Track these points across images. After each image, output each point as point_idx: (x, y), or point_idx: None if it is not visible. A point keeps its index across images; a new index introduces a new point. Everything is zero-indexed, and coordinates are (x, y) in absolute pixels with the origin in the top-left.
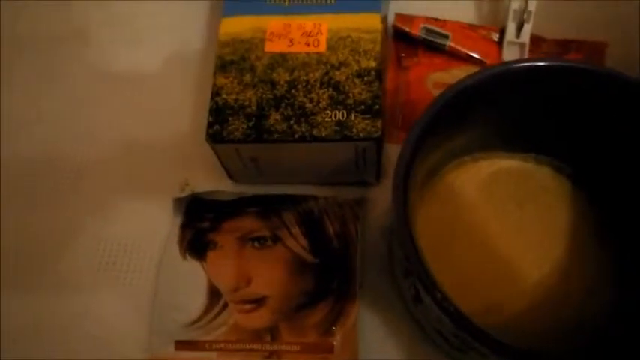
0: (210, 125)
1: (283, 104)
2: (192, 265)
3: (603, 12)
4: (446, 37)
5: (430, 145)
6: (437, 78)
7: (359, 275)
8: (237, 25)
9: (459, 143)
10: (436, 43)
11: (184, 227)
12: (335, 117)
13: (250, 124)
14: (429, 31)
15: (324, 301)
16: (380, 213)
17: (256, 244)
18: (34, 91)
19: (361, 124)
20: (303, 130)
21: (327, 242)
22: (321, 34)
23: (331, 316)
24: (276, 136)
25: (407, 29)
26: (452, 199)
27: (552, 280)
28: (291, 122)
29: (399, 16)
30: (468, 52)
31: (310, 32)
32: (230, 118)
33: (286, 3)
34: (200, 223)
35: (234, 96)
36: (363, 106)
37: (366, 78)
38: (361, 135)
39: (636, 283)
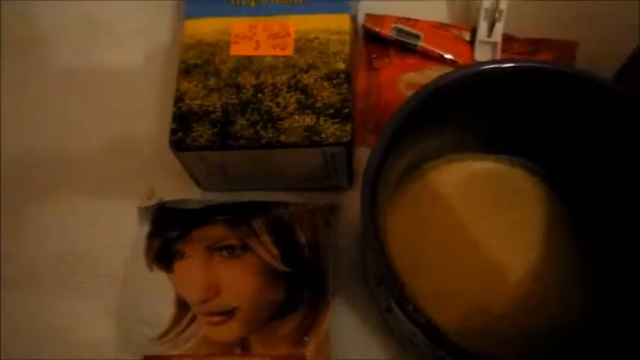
0: (173, 132)
1: (249, 109)
2: (160, 277)
3: (575, 10)
4: (417, 37)
5: (401, 148)
6: (409, 79)
7: (331, 283)
8: (202, 28)
9: (432, 145)
10: (407, 43)
11: (151, 237)
12: (303, 122)
13: (215, 131)
14: (399, 31)
15: (296, 311)
16: (353, 218)
17: (225, 253)
18: None
19: (330, 129)
20: (270, 135)
21: (298, 250)
22: (289, 35)
23: (303, 326)
24: (242, 142)
25: (377, 29)
26: (426, 202)
27: (529, 283)
28: (258, 128)
29: (369, 17)
30: (439, 52)
31: (277, 34)
32: (194, 125)
33: (252, 4)
34: (167, 232)
35: (198, 101)
36: (332, 110)
37: (335, 81)
38: (330, 140)
39: (612, 284)
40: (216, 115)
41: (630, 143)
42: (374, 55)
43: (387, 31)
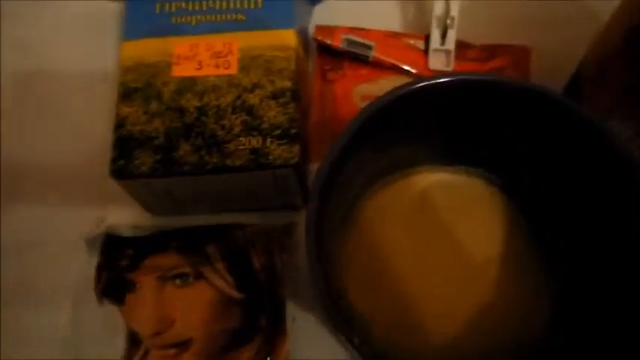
0: (113, 160)
1: (193, 133)
2: (110, 310)
3: (529, 15)
4: (369, 47)
5: (352, 167)
6: (363, 90)
7: (290, 308)
8: (141, 49)
9: (386, 160)
10: (359, 54)
11: (101, 268)
12: (249, 144)
13: (158, 157)
14: (350, 42)
15: (253, 339)
16: None
17: (178, 282)
18: None
19: (277, 150)
20: (216, 160)
21: (253, 276)
22: (232, 54)
23: (261, 355)
24: (186, 168)
25: (328, 41)
26: (383, 218)
27: (490, 297)
28: (203, 152)
29: (319, 28)
30: (393, 62)
31: (220, 53)
32: (136, 152)
33: (193, 22)
34: (118, 262)
35: (139, 127)
36: (278, 131)
37: (281, 100)
38: (277, 162)
39: (573, 293)
40: (158, 141)
41: (582, 155)
42: (327, 67)
43: (338, 43)
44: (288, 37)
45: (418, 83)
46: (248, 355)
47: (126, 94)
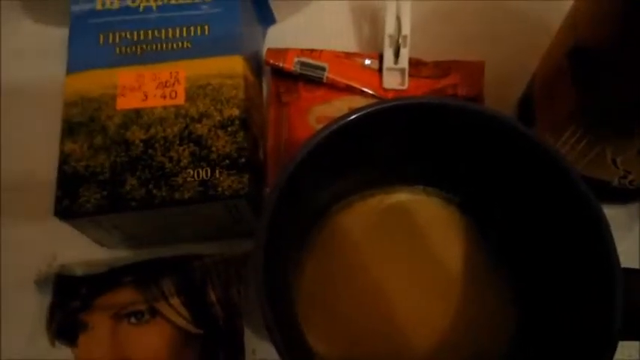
0: (58, 200)
1: (140, 167)
2: (63, 353)
3: (481, 31)
4: (323, 68)
5: (304, 195)
6: (319, 112)
7: (248, 341)
8: (85, 81)
9: (342, 184)
10: (313, 76)
11: (53, 309)
12: (198, 176)
13: (104, 194)
14: (303, 64)
15: None
16: None
17: (133, 320)
18: None
19: (227, 181)
20: (164, 194)
21: (210, 310)
22: (179, 83)
23: None
24: (133, 204)
25: (280, 64)
26: (341, 243)
27: (451, 319)
28: (150, 186)
29: (271, 51)
30: (347, 82)
31: (166, 82)
32: (81, 189)
33: (138, 52)
34: (71, 302)
35: (84, 162)
36: (227, 161)
37: (229, 128)
38: (227, 193)
39: (536, 311)
40: (104, 177)
41: (529, 175)
42: (282, 90)
43: (291, 66)
44: (235, 63)
45: (362, 111)
46: None
47: (70, 130)
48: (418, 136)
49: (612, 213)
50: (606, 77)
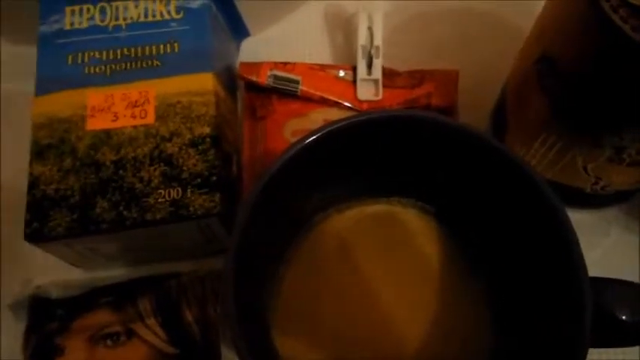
0: (27, 224)
1: (110, 189)
2: None
3: (454, 39)
4: (296, 81)
5: (277, 211)
6: (294, 125)
7: (226, 358)
8: (54, 103)
9: (318, 197)
10: (287, 89)
11: (28, 332)
12: (169, 196)
13: (75, 217)
14: (277, 77)
15: None
16: None
17: (109, 342)
18: None
19: (198, 200)
20: (135, 215)
21: (187, 328)
22: (149, 102)
23: None
24: (104, 226)
25: (253, 78)
26: (319, 256)
27: (427, 331)
28: (121, 208)
29: (244, 65)
30: (322, 95)
31: (136, 102)
32: (51, 212)
33: (108, 71)
34: (46, 325)
35: (54, 185)
36: (199, 180)
37: (200, 147)
38: (199, 212)
39: (513, 325)
40: (74, 200)
41: (500, 185)
42: (257, 104)
43: (264, 79)
44: (205, 80)
45: (329, 127)
46: None
47: (39, 153)
48: (391, 148)
49: (588, 218)
50: (572, 86)
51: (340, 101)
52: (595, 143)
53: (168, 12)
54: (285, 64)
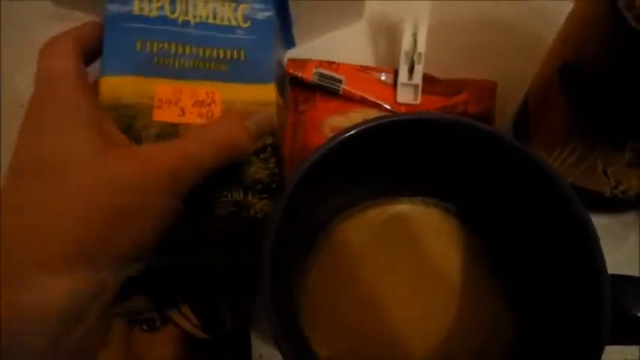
0: None
1: None
2: None
3: (495, 50)
4: (339, 80)
5: (309, 205)
6: (333, 122)
7: (256, 347)
8: (120, 87)
9: (344, 196)
10: (330, 87)
11: None
12: (231, 196)
13: None
14: (321, 75)
15: None
16: None
17: (145, 326)
18: None
19: (258, 204)
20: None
21: (219, 317)
22: (215, 104)
23: None
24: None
25: (299, 75)
26: (343, 253)
27: (449, 329)
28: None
29: (291, 62)
30: (362, 95)
31: (203, 101)
32: None
33: (176, 65)
34: None
35: None
36: (260, 186)
37: (262, 155)
38: (259, 216)
39: (533, 322)
40: None
41: (524, 186)
42: (300, 99)
43: (310, 76)
44: (269, 92)
45: (369, 123)
46: None
47: None
48: (418, 149)
49: (608, 222)
50: (594, 92)
51: (380, 102)
52: (615, 147)
53: (236, 19)
54: (330, 63)
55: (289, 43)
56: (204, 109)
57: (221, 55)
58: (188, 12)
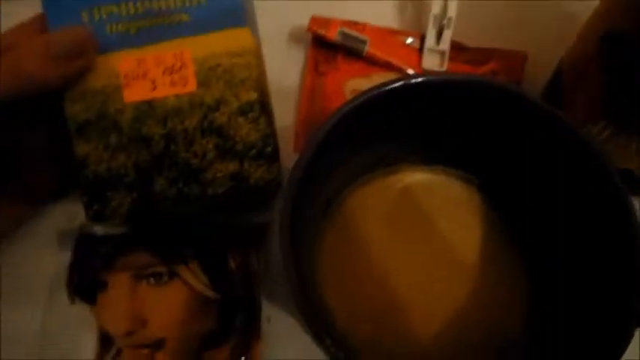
0: (87, 206)
1: (166, 165)
2: (82, 310)
3: (526, 17)
4: (364, 42)
5: (330, 164)
6: (355, 85)
7: (264, 309)
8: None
9: (363, 160)
10: (354, 48)
11: (73, 267)
12: (227, 169)
13: (135, 196)
14: (346, 35)
15: (227, 340)
16: None
17: (152, 280)
18: None
19: (257, 172)
20: (196, 192)
21: (229, 276)
22: (186, 67)
23: (236, 355)
24: (168, 203)
25: (322, 33)
26: (362, 216)
27: (465, 299)
28: (180, 185)
29: (315, 19)
30: (387, 59)
31: (173, 67)
32: (109, 193)
33: (132, 30)
34: (91, 261)
35: (104, 165)
36: (254, 151)
37: (250, 115)
38: (260, 184)
39: (549, 294)
40: (129, 179)
41: (557, 156)
42: (320, 59)
43: (333, 35)
44: (243, 37)
45: (394, 83)
46: (223, 355)
47: (79, 130)
48: (441, 115)
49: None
50: (637, 64)
51: (404, 67)
52: None
53: None
54: (356, 23)
55: None
56: (175, 75)
57: (178, 4)
58: None
